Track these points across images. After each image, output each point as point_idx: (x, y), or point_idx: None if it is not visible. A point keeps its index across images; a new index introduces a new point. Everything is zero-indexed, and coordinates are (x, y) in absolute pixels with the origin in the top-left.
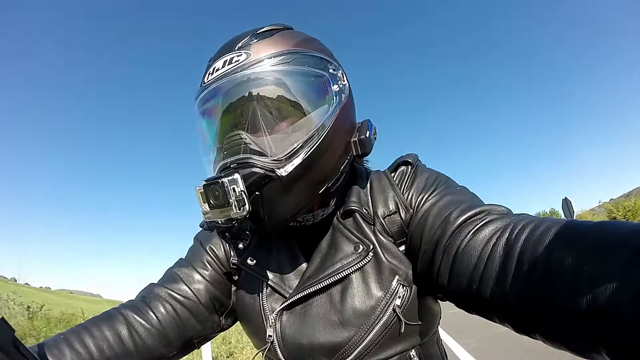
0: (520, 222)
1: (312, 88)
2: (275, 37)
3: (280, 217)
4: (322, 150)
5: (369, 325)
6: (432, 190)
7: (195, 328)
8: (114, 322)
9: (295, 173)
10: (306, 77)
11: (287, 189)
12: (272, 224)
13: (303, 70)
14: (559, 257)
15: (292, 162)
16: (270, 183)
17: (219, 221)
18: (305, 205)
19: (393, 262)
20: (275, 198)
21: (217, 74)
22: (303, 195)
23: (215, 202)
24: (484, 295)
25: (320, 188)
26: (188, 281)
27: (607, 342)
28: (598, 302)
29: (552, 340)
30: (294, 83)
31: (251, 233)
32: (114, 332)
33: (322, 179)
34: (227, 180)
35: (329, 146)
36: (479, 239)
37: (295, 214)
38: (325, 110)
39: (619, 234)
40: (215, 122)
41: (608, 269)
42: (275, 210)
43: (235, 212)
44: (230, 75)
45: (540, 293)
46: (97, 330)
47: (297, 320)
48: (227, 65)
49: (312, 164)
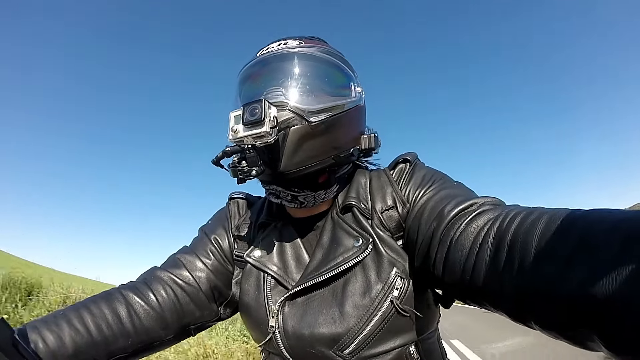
0: (511, 212)
1: (343, 79)
2: (321, 41)
3: (295, 162)
4: (341, 123)
5: (368, 316)
6: (428, 185)
7: (194, 314)
8: (113, 301)
9: (319, 126)
10: (340, 70)
11: (309, 136)
12: (286, 166)
13: (340, 65)
14: (550, 245)
15: (319, 116)
16: (297, 126)
17: (247, 140)
18: (318, 164)
19: (391, 254)
20: (297, 141)
21: (272, 50)
22: (319, 150)
23: (251, 118)
24: (477, 284)
25: (333, 153)
26: (190, 268)
27: (601, 330)
28: (591, 290)
29: (548, 329)
30: (331, 68)
31: (256, 228)
32: (113, 311)
33: (336, 146)
34: (269, 102)
35: (347, 123)
36: (471, 229)
37: (309, 167)
38: (347, 97)
39: (610, 221)
40: (259, 77)
41: (600, 257)
42: (294, 153)
43: (266, 129)
44: (284, 49)
45: (532, 282)
46: (97, 308)
47: (299, 312)
48: (282, 45)
49: (332, 127)
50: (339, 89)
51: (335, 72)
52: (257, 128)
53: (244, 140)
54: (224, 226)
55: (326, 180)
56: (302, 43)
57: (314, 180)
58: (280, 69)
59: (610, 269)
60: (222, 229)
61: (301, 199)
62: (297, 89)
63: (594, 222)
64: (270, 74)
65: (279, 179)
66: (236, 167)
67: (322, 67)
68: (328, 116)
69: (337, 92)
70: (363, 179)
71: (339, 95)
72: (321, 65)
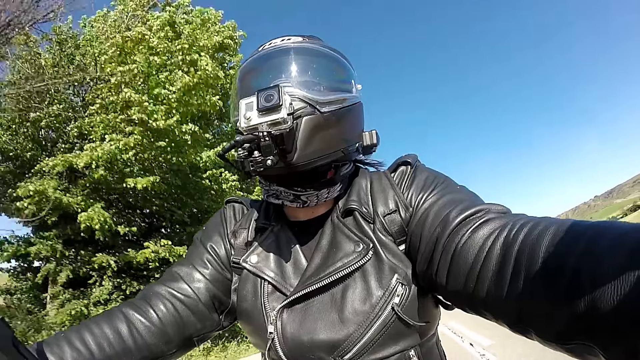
0: (518, 222)
1: (346, 75)
2: (323, 42)
3: (308, 153)
4: (350, 115)
5: (368, 322)
6: (431, 189)
7: (195, 326)
8: (114, 320)
9: (330, 118)
10: (343, 66)
11: (322, 127)
12: (299, 157)
13: (343, 62)
14: (558, 257)
15: (330, 107)
16: (310, 115)
17: (262, 127)
18: (330, 155)
19: (393, 260)
20: (310, 131)
21: (275, 44)
22: (330, 142)
23: (267, 104)
24: (480, 294)
25: (342, 146)
26: (188, 280)
27: (604, 344)
28: (596, 303)
29: (549, 341)
30: (335, 63)
31: (253, 232)
32: (114, 330)
33: (346, 138)
34: (284, 88)
35: (354, 117)
36: (477, 237)
37: (321, 158)
38: (351, 92)
39: (617, 233)
40: (265, 71)
41: (607, 270)
42: (307, 144)
43: (283, 116)
44: (288, 44)
45: (539, 293)
46: (97, 328)
47: (298, 318)
48: (286, 41)
49: (342, 119)
50: (344, 83)
51: (339, 67)
52: (274, 114)
53: (259, 128)
54: (220, 232)
55: (332, 177)
56: (305, 39)
57: (322, 177)
58: (286, 62)
59: (616, 282)
60: (217, 236)
61: (304, 198)
62: (305, 81)
63: (601, 235)
64: (277, 68)
65: (291, 170)
66: (247, 158)
67: (326, 61)
68: (337, 108)
69: (342, 86)
70: (364, 182)
71: (344, 90)
72: (326, 60)
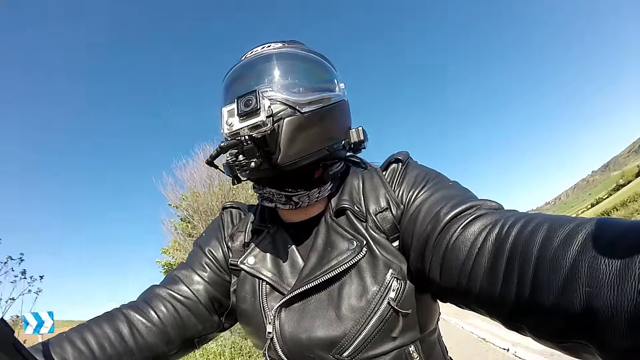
0: (510, 218)
1: (326, 75)
2: (300, 44)
3: (291, 153)
4: (332, 114)
5: (365, 318)
6: (422, 186)
7: (196, 327)
8: (115, 320)
9: (312, 117)
10: (323, 67)
11: (303, 127)
12: (283, 157)
13: (322, 62)
14: (551, 256)
15: (310, 107)
16: (291, 117)
17: (243, 131)
18: (314, 154)
19: (387, 256)
20: (292, 132)
21: (256, 52)
22: (314, 141)
23: (246, 109)
24: (473, 290)
25: (327, 145)
26: (188, 282)
27: (601, 342)
28: (593, 302)
29: (543, 339)
30: (314, 64)
31: (249, 235)
32: (116, 330)
33: (330, 137)
34: (262, 92)
35: (337, 115)
36: (468, 233)
37: (305, 158)
38: (333, 91)
39: (614, 231)
40: (247, 78)
41: (603, 268)
42: (290, 144)
43: (262, 119)
44: (268, 51)
45: (533, 291)
46: (99, 328)
47: (296, 317)
48: (266, 48)
49: (324, 118)
50: (324, 83)
51: (318, 68)
52: (253, 118)
53: (240, 132)
54: (217, 237)
55: (320, 176)
56: (284, 45)
57: (309, 176)
58: (266, 68)
59: (612, 280)
60: (215, 240)
61: (295, 199)
62: (285, 84)
63: (597, 232)
64: (257, 74)
65: (277, 172)
66: (233, 163)
67: (305, 64)
68: (318, 107)
69: (322, 86)
70: (356, 181)
71: (325, 90)
72: (305, 62)
